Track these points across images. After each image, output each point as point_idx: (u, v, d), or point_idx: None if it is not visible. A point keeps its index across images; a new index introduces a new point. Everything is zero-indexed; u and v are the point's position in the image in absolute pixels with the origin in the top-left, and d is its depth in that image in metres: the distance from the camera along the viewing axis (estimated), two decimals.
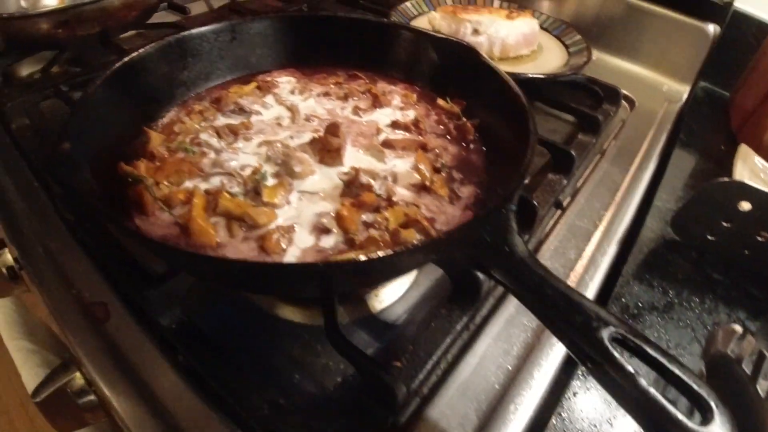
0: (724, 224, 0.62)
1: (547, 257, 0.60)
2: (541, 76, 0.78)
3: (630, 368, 0.31)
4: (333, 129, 0.56)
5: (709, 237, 0.65)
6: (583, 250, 0.62)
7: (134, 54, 0.61)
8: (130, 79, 0.60)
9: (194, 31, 0.68)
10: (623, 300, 0.58)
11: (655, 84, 0.99)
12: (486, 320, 0.53)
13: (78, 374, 0.56)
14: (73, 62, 0.94)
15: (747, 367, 0.44)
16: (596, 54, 1.03)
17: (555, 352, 0.51)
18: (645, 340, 0.33)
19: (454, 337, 0.50)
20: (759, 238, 0.61)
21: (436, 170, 0.57)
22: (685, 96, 0.97)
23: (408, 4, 0.95)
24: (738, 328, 0.49)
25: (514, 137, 0.56)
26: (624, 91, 0.95)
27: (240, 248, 0.47)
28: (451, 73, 0.69)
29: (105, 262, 0.54)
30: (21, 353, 0.76)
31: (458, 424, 0.44)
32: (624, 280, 0.60)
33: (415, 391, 0.46)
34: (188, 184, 0.54)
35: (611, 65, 1.02)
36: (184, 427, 0.43)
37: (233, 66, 0.73)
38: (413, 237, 0.48)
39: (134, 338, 0.49)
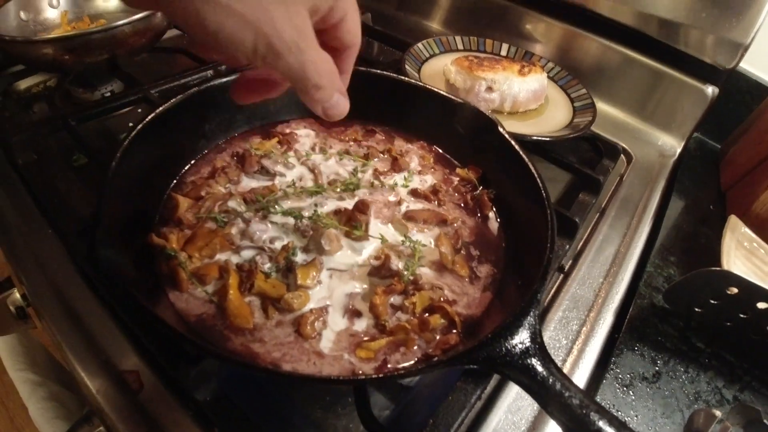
0: (712, 301, 0.69)
1: (552, 328, 0.66)
2: (547, 139, 0.83)
3: None
4: (362, 207, 0.59)
5: (697, 309, 0.72)
6: (584, 321, 0.68)
7: (157, 111, 0.62)
8: (151, 140, 0.61)
9: (216, 82, 0.69)
10: (618, 370, 0.65)
11: (651, 137, 1.05)
12: (497, 392, 0.59)
13: (102, 428, 0.58)
14: (78, 83, 0.93)
15: None
16: (594, 101, 1.09)
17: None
18: None
19: (469, 410, 0.56)
20: (741, 315, 0.69)
21: (457, 250, 0.61)
22: (678, 151, 1.04)
23: (420, 45, 0.98)
24: (717, 413, 0.57)
25: (529, 215, 0.62)
26: (621, 143, 1.01)
27: (275, 333, 0.51)
28: (469, 139, 0.73)
29: (138, 335, 0.56)
30: (26, 385, 0.77)
31: None
32: (618, 350, 0.67)
33: None
34: (220, 256, 0.57)
35: (609, 114, 1.08)
36: None
37: (252, 116, 0.75)
38: (438, 322, 0.53)
39: (168, 408, 0.52)
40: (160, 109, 0.62)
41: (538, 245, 0.56)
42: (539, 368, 0.44)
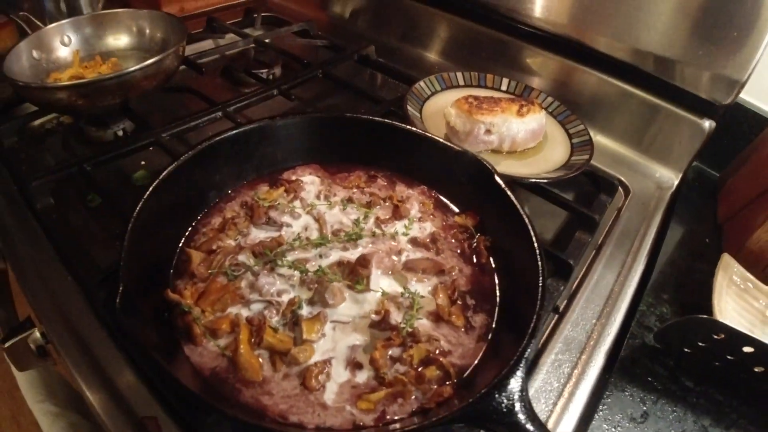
0: (700, 344, 0.75)
1: (544, 371, 0.72)
2: (544, 181, 0.88)
3: None
4: (363, 261, 0.66)
5: (686, 350, 0.78)
6: (576, 363, 0.74)
7: (168, 169, 0.68)
8: (163, 196, 0.67)
9: (226, 135, 0.75)
10: (607, 411, 0.71)
11: (648, 170, 1.11)
12: None
13: None
14: (91, 122, 1.00)
15: None
16: (592, 134, 1.14)
17: None
18: None
19: None
20: (729, 357, 0.74)
21: (453, 301, 0.67)
22: (676, 183, 1.09)
23: (422, 83, 1.04)
24: None
25: (523, 264, 0.68)
26: (618, 176, 1.07)
27: (283, 385, 0.57)
28: (467, 186, 0.79)
29: (154, 382, 0.62)
30: (47, 417, 0.85)
31: None
32: (608, 392, 0.72)
33: None
34: (231, 310, 0.63)
35: (607, 147, 1.14)
36: None
37: (260, 164, 0.81)
38: (434, 374, 0.59)
39: None
40: (172, 167, 0.69)
41: (530, 297, 0.62)
42: (524, 424, 0.50)
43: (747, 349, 0.72)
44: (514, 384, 0.52)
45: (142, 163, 0.96)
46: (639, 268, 0.90)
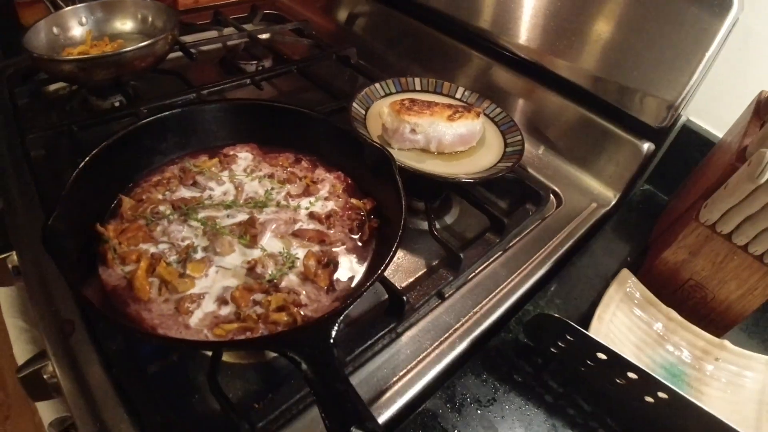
0: (560, 344, 0.84)
1: (403, 342, 0.86)
2: (465, 180, 1.01)
3: None
4: (251, 222, 0.83)
5: (553, 350, 0.87)
6: (437, 341, 0.87)
7: (123, 132, 0.89)
8: (117, 153, 0.88)
9: (175, 111, 0.96)
10: (452, 390, 0.83)
11: (587, 186, 1.20)
12: None
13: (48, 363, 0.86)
14: (93, 92, 1.25)
15: None
16: (541, 149, 1.26)
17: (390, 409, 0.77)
18: None
19: (304, 395, 0.77)
20: (589, 363, 0.83)
21: (325, 265, 0.83)
22: (613, 202, 1.18)
23: (377, 85, 1.20)
24: None
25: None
26: (555, 188, 1.17)
27: (161, 307, 0.75)
28: (372, 173, 0.95)
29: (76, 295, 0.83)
30: (15, 330, 1.08)
31: None
32: (461, 373, 0.85)
33: (261, 428, 0.73)
34: (142, 246, 0.82)
35: (552, 162, 1.24)
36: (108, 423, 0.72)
37: (204, 139, 1.00)
38: (283, 319, 0.75)
39: (88, 350, 0.79)
40: (124, 131, 0.89)
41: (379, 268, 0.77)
42: (322, 358, 0.65)
43: (601, 356, 0.77)
44: (327, 327, 0.67)
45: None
46: (538, 273, 1.01)
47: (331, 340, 0.67)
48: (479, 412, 0.81)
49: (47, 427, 0.96)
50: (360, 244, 0.88)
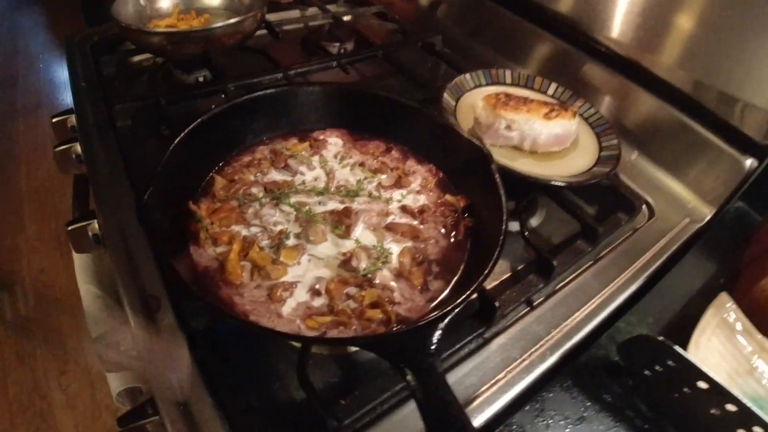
0: (657, 368, 0.78)
1: (493, 349, 0.80)
2: (558, 184, 0.94)
3: None
4: (347, 212, 0.79)
5: (647, 372, 0.80)
6: (526, 352, 0.81)
7: (218, 108, 0.86)
8: (211, 130, 0.85)
9: (269, 92, 0.92)
10: (542, 405, 0.77)
11: (682, 199, 1.10)
12: None
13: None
14: (178, 65, 1.22)
15: None
16: (635, 154, 1.16)
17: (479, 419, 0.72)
18: None
19: (391, 394, 0.73)
20: (685, 390, 0.76)
21: (419, 263, 0.78)
22: (708, 218, 1.08)
23: (467, 76, 1.13)
24: None
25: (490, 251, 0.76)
26: (648, 198, 1.09)
27: (253, 292, 0.72)
28: (465, 170, 0.89)
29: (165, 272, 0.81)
30: (88, 295, 1.08)
31: None
32: (550, 387, 0.79)
33: (347, 425, 0.69)
34: (234, 227, 0.79)
35: (646, 169, 1.15)
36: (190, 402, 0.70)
37: (295, 121, 0.96)
38: (377, 316, 0.71)
39: (172, 327, 0.76)
40: (217, 109, 0.86)
41: (479, 274, 0.71)
42: (426, 365, 0.60)
43: (702, 385, 0.71)
44: (430, 333, 0.63)
45: (213, 107, 1.16)
46: (631, 288, 0.93)
47: (434, 347, 0.62)
48: (567, 430, 0.76)
49: (115, 396, 0.96)
50: (453, 242, 0.83)
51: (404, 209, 0.86)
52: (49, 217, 2.33)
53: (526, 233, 0.93)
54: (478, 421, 0.73)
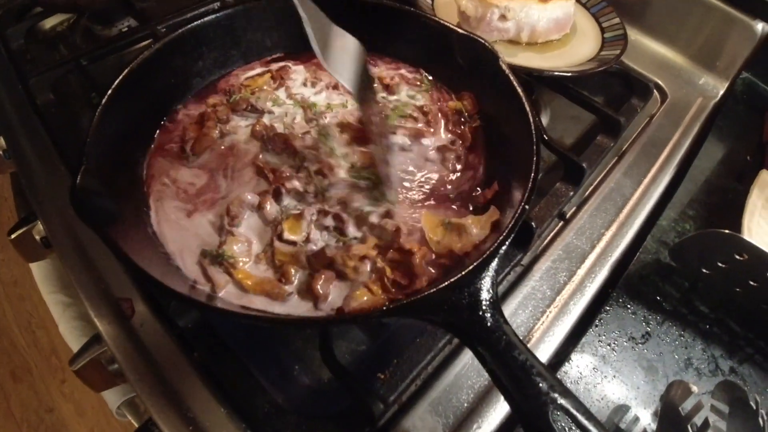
0: (720, 264, 0.64)
1: (537, 277, 0.64)
2: (567, 74, 0.76)
3: None
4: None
5: (705, 270, 0.67)
6: (574, 273, 0.65)
7: (148, 52, 0.63)
8: (143, 81, 0.62)
9: (206, 19, 0.68)
10: (603, 326, 0.63)
11: (692, 75, 0.94)
12: None
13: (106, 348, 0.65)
14: (95, 20, 0.95)
15: (692, 428, 0.50)
16: (633, 34, 0.97)
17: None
18: (587, 415, 0.39)
19: (435, 354, 0.57)
20: (752, 283, 0.64)
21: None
22: (721, 92, 0.92)
23: None
24: (695, 388, 0.55)
25: (519, 158, 0.59)
26: (657, 80, 0.92)
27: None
28: (469, 73, 0.69)
29: None
30: (58, 306, 0.86)
31: None
32: (608, 306, 0.64)
33: (393, 401, 0.53)
34: None
35: (647, 48, 0.97)
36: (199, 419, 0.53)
37: (247, 52, 0.74)
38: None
39: (155, 333, 0.57)
40: (148, 52, 0.63)
41: (520, 191, 0.54)
42: (487, 323, 0.43)
43: None
44: (482, 280, 0.46)
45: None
46: (664, 180, 0.78)
47: (491, 291, 0.45)
48: (635, 350, 0.62)
49: (115, 411, 0.78)
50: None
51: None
52: (8, 225, 2.04)
53: (547, 137, 0.74)
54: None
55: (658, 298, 0.67)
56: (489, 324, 0.43)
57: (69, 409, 1.56)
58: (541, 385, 0.40)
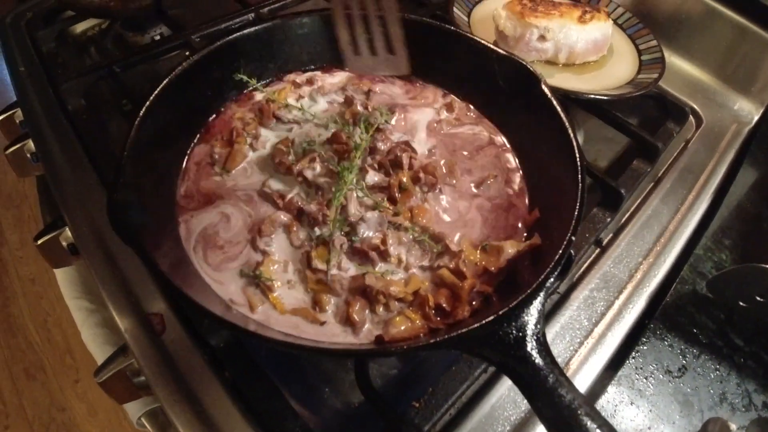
0: (758, 298, 0.62)
1: (574, 307, 0.62)
2: (605, 98, 0.74)
3: None
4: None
5: (741, 303, 0.65)
6: (612, 304, 0.63)
7: (184, 65, 0.62)
8: (180, 92, 0.61)
9: (246, 32, 0.67)
10: (640, 359, 0.61)
11: (726, 99, 0.92)
12: None
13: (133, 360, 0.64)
14: (128, 26, 0.95)
15: None
16: (667, 55, 0.95)
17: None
18: None
19: (470, 383, 0.55)
20: None
21: None
22: (756, 118, 0.90)
23: None
24: (733, 427, 0.52)
25: (561, 188, 0.57)
26: (692, 104, 0.90)
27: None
28: (508, 95, 0.67)
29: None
30: (81, 312, 0.85)
31: None
32: (645, 338, 0.62)
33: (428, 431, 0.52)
34: None
35: (680, 69, 0.95)
36: None
37: (283, 65, 0.72)
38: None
39: (186, 350, 0.56)
40: (186, 63, 0.62)
41: (563, 222, 0.52)
42: (534, 359, 0.42)
43: None
44: (529, 314, 0.44)
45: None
46: (701, 208, 0.76)
47: (538, 326, 0.43)
48: (672, 384, 0.60)
49: (135, 422, 0.76)
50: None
51: None
52: (29, 223, 2.04)
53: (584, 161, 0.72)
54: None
55: (695, 330, 0.65)
56: (537, 361, 0.41)
57: (81, 409, 1.54)
58: (588, 425, 0.38)
